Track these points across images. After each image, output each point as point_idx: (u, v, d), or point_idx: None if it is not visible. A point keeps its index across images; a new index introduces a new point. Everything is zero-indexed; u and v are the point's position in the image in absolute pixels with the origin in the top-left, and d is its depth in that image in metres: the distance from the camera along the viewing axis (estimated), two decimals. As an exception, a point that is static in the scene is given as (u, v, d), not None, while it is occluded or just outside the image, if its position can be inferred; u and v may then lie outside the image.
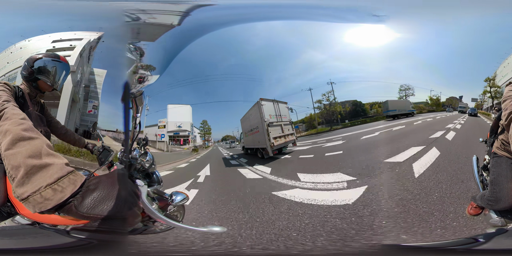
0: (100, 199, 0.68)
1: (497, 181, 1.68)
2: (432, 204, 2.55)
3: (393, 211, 2.50)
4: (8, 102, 1.08)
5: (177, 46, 3.52)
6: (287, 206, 2.74)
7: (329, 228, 2.33)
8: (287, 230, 2.34)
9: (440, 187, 2.77)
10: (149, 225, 1.49)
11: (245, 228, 2.36)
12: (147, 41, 3.24)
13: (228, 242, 2.14)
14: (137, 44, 3.19)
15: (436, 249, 1.80)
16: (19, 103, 1.48)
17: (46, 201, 0.65)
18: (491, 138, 1.97)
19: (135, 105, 1.36)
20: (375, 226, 2.30)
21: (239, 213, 2.68)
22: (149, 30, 3.18)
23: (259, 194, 3.13)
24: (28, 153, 0.70)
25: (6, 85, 1.41)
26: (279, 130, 3.89)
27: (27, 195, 0.65)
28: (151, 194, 1.58)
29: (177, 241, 2.04)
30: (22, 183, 0.66)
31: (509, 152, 1.72)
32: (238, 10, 3.34)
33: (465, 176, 2.87)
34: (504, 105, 1.44)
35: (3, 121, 0.86)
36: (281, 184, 3.34)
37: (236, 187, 3.52)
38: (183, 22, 3.13)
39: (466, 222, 2.14)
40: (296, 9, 3.47)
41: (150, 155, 1.66)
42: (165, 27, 3.18)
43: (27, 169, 0.67)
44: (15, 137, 0.74)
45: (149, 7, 3.06)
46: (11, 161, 0.69)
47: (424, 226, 2.20)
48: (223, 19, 3.51)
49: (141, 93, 1.34)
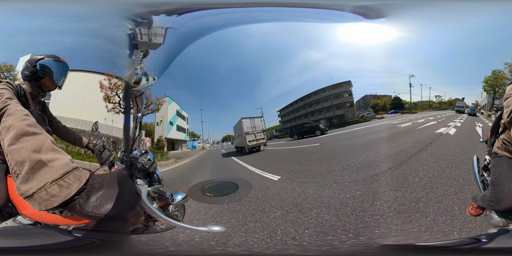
0: (106, 198, 0.67)
1: (498, 181, 1.67)
2: (432, 203, 2.55)
3: (393, 211, 2.50)
4: (11, 99, 1.08)
5: (175, 48, 3.53)
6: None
7: (329, 228, 2.33)
8: (283, 223, 2.36)
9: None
10: (150, 225, 1.49)
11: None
12: (147, 41, 3.25)
13: (228, 242, 2.14)
14: (137, 44, 3.20)
15: (437, 249, 1.80)
16: (21, 102, 1.49)
17: (52, 198, 0.63)
18: (491, 138, 1.97)
19: (135, 104, 1.36)
20: (374, 225, 2.30)
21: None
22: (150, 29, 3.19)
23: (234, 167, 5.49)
24: (32, 147, 0.68)
25: (8, 84, 1.41)
26: (253, 136, 6.33)
27: (32, 192, 0.63)
28: (152, 194, 1.58)
29: (177, 241, 2.04)
30: (27, 179, 0.64)
31: (510, 152, 1.71)
32: (234, 12, 3.36)
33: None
34: (506, 103, 1.43)
35: (6, 117, 0.84)
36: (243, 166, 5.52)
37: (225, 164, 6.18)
38: (181, 24, 3.14)
39: (467, 222, 2.14)
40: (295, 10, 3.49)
41: (150, 154, 1.67)
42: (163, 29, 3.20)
43: (32, 164, 0.65)
44: (19, 132, 0.73)
45: (150, 6, 3.06)
46: (15, 156, 0.67)
47: (425, 226, 2.20)
48: (219, 22, 3.54)
49: (141, 93, 1.34)
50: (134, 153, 1.57)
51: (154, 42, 3.26)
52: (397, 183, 3.20)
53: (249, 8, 3.19)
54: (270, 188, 3.68)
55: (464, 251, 1.60)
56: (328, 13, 3.44)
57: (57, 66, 1.78)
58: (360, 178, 3.45)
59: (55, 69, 1.77)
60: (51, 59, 1.77)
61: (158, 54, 3.37)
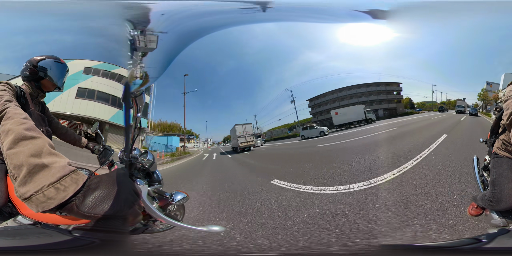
0: (102, 198, 0.68)
1: (498, 181, 1.67)
2: (432, 202, 2.55)
3: (393, 211, 2.50)
4: (10, 102, 1.08)
5: (176, 48, 3.54)
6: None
7: (329, 228, 2.33)
8: (283, 221, 2.37)
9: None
10: (150, 225, 1.49)
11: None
12: (147, 41, 3.26)
13: (227, 242, 2.14)
14: (136, 43, 3.21)
15: (437, 249, 1.79)
16: (20, 103, 1.49)
17: (49, 200, 0.65)
18: (491, 138, 1.97)
19: (135, 104, 1.36)
20: (374, 226, 2.30)
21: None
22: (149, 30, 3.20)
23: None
24: (30, 152, 0.70)
25: (8, 85, 1.42)
26: (244, 139, 8.34)
27: (29, 195, 0.65)
28: (152, 193, 1.59)
29: (177, 240, 2.05)
30: (25, 182, 0.66)
31: (510, 152, 1.71)
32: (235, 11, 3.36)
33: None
34: (505, 104, 1.43)
35: (5, 120, 0.86)
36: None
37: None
38: (182, 23, 3.15)
39: (468, 222, 2.13)
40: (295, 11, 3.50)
41: (150, 154, 1.67)
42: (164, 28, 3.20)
43: (29, 168, 0.67)
44: (17, 136, 0.74)
45: (149, 7, 3.07)
46: (13, 160, 0.69)
47: (424, 226, 2.20)
48: (221, 21, 3.55)
49: (141, 93, 1.34)
50: (134, 153, 1.57)
51: (154, 42, 3.27)
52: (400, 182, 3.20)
53: (250, 8, 3.19)
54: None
55: (464, 251, 1.60)
56: (329, 13, 3.46)
57: (57, 67, 1.79)
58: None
59: (56, 70, 1.78)
60: (51, 60, 1.78)
61: (158, 53, 3.38)
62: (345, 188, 3.28)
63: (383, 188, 3.13)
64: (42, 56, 1.78)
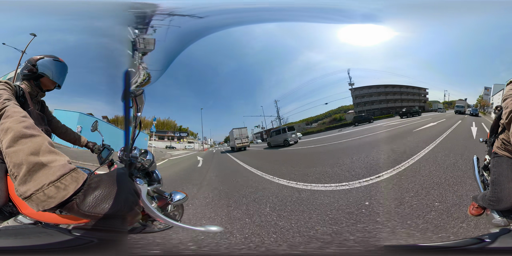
0: (102, 197, 0.67)
1: (498, 181, 1.67)
2: (433, 202, 2.54)
3: (395, 211, 2.49)
4: (9, 101, 1.08)
5: (177, 48, 3.54)
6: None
7: (330, 228, 2.32)
8: (284, 222, 2.36)
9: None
10: (148, 224, 1.49)
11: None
12: (147, 40, 3.26)
13: (226, 241, 2.14)
14: (137, 43, 3.21)
15: (440, 249, 1.78)
16: (20, 102, 1.49)
17: (49, 199, 0.64)
18: (491, 138, 1.96)
19: (135, 104, 1.36)
20: (376, 226, 2.29)
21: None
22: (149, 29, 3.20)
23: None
24: (30, 150, 0.69)
25: (7, 84, 1.42)
26: (240, 140, 10.07)
27: (30, 193, 0.64)
28: (151, 193, 1.58)
29: (175, 240, 2.04)
30: (25, 181, 0.65)
31: (509, 151, 1.71)
32: (236, 12, 3.36)
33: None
34: (504, 103, 1.43)
35: (4, 119, 0.85)
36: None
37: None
38: (183, 23, 3.14)
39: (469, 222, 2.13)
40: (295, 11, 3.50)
41: (150, 154, 1.67)
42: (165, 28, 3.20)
43: (29, 167, 0.66)
44: (16, 134, 0.73)
45: (150, 7, 3.07)
46: (12, 158, 0.68)
47: (425, 226, 2.19)
48: (222, 21, 3.54)
49: (141, 92, 1.34)
50: (134, 153, 1.57)
51: (153, 42, 3.27)
52: (399, 182, 3.20)
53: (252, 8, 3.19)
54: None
55: (467, 251, 1.59)
56: (329, 13, 3.45)
57: (56, 65, 1.79)
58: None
59: (55, 68, 1.79)
60: (50, 59, 1.78)
61: (159, 53, 3.38)
62: (356, 183, 3.28)
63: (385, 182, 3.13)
64: (41, 55, 1.78)
